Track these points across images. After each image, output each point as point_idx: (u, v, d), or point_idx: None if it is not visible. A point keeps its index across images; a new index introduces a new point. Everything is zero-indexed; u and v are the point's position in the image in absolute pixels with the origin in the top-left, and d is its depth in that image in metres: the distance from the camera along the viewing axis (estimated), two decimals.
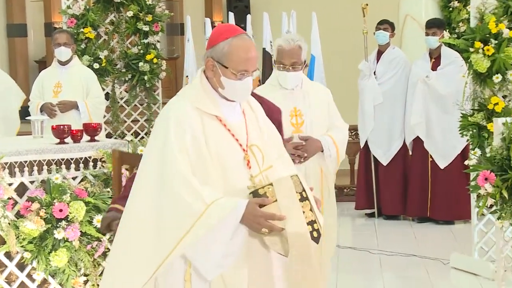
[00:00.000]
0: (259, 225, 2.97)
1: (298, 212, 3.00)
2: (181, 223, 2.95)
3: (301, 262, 3.01)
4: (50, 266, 4.80)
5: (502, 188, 3.85)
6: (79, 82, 7.19)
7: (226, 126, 3.13)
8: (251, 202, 2.98)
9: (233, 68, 3.08)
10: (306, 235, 2.99)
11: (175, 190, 2.97)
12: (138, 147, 5.21)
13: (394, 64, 8.70)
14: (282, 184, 3.03)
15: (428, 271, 6.74)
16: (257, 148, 3.17)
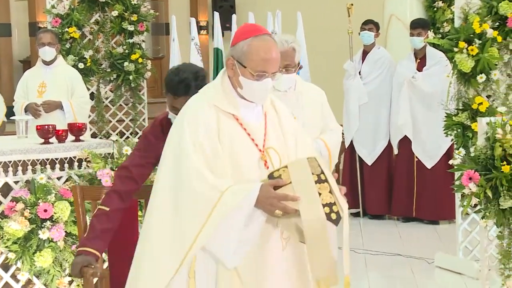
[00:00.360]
0: (272, 207, 2.92)
1: (313, 194, 2.93)
2: (198, 215, 2.94)
3: (315, 245, 2.96)
4: (34, 267, 4.78)
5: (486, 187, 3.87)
6: (63, 82, 7.16)
7: (243, 125, 3.11)
8: (265, 184, 2.95)
9: (251, 68, 3.06)
10: (321, 217, 2.91)
11: (191, 185, 2.96)
12: (123, 147, 5.20)
13: (379, 64, 8.73)
14: (297, 165, 2.99)
15: (413, 270, 6.76)
16: (274, 151, 3.14)
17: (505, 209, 3.90)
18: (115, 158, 5.21)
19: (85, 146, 5.40)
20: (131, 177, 3.77)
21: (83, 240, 3.74)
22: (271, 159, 3.12)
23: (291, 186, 2.94)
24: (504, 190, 3.87)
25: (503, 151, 3.90)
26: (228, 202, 2.92)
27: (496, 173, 3.87)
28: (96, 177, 5.06)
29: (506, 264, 3.99)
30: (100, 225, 3.67)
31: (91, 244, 3.65)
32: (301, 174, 2.96)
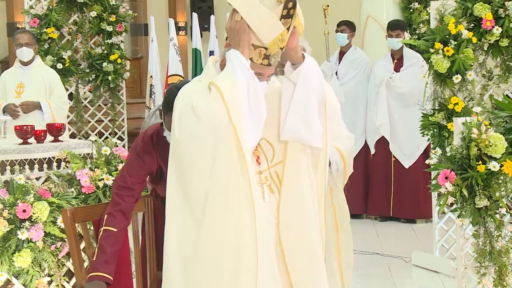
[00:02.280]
0: None
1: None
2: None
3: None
4: (13, 267, 4.75)
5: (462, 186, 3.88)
6: (42, 83, 7.11)
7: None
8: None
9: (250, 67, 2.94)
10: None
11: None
12: (102, 147, 5.18)
13: (355, 65, 8.76)
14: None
15: (390, 269, 6.78)
16: (266, 142, 3.07)
17: (480, 208, 3.92)
18: (94, 159, 5.19)
19: (64, 147, 5.37)
20: (132, 195, 3.76)
21: (94, 263, 3.71)
22: (263, 151, 3.07)
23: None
24: (479, 189, 3.89)
25: (478, 151, 3.92)
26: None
27: (472, 173, 3.89)
28: (75, 177, 5.03)
29: (481, 262, 4.01)
30: (110, 248, 3.66)
31: (103, 268, 3.63)
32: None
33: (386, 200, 8.54)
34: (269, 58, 2.90)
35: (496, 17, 6.03)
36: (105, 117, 8.77)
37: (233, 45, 2.92)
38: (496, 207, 3.92)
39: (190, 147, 2.92)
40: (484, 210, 3.92)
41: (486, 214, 3.93)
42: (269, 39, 2.86)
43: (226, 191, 2.87)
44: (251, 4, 2.86)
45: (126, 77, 8.70)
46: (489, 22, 5.98)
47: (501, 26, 6.00)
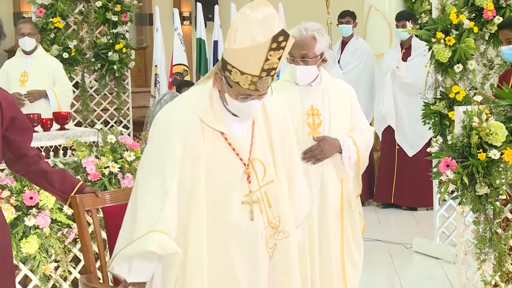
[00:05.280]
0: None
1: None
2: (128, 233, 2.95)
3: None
4: (21, 253, 4.77)
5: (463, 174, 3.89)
6: (45, 71, 7.11)
7: (228, 140, 2.97)
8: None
9: (235, 91, 2.89)
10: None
11: (140, 203, 2.92)
12: (108, 135, 5.19)
13: (358, 54, 8.75)
14: None
15: (392, 255, 6.79)
16: (259, 162, 3.03)
17: (481, 195, 3.93)
18: (100, 147, 5.20)
19: (70, 135, 5.38)
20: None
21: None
22: (256, 171, 3.02)
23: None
24: (480, 177, 3.89)
25: (479, 139, 3.92)
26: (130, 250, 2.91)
27: (473, 161, 3.89)
28: (81, 165, 5.04)
29: (481, 248, 4.02)
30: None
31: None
32: None
33: (388, 188, 8.55)
34: (256, 84, 2.84)
35: (497, 7, 6.02)
36: (110, 106, 8.77)
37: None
38: (496, 195, 3.93)
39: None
40: (485, 198, 3.93)
41: (486, 201, 3.93)
42: (254, 71, 2.80)
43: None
44: (235, 51, 2.82)
45: (131, 66, 8.70)
46: (490, 12, 5.97)
47: (502, 16, 5.99)
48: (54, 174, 3.59)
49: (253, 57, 2.77)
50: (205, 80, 3.04)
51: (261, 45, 2.74)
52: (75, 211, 3.49)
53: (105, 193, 3.68)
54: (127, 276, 2.96)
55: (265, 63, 2.77)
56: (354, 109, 4.15)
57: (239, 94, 2.87)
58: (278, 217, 3.07)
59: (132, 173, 5.12)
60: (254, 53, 2.76)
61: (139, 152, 5.20)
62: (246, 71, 2.79)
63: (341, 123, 4.05)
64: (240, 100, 2.89)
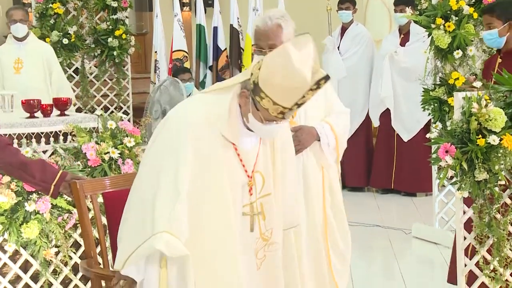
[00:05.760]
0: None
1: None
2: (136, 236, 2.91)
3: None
4: (21, 238, 4.77)
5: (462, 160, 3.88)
6: (39, 57, 7.07)
7: (237, 150, 2.97)
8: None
9: (263, 115, 2.86)
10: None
11: (149, 204, 2.87)
12: (108, 121, 5.18)
13: (357, 40, 8.75)
14: None
15: (391, 240, 6.81)
16: (259, 174, 3.03)
17: (480, 181, 3.92)
18: (100, 132, 5.19)
19: (70, 121, 5.38)
20: None
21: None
22: (256, 183, 3.03)
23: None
24: (479, 162, 3.89)
25: (478, 125, 3.92)
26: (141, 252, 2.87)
27: (472, 146, 3.88)
28: (82, 151, 5.04)
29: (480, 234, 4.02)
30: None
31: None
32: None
33: (388, 173, 8.56)
34: (285, 114, 2.84)
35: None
36: (110, 92, 8.76)
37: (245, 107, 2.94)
38: (495, 180, 3.93)
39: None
40: (484, 183, 3.93)
41: (485, 187, 3.93)
42: (288, 104, 2.81)
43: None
44: (276, 85, 2.79)
45: (131, 52, 8.68)
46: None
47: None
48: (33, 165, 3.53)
49: (291, 94, 2.78)
50: (225, 90, 2.99)
51: (302, 87, 2.76)
52: (75, 197, 3.48)
53: (105, 178, 3.67)
54: (136, 276, 2.95)
55: (300, 100, 2.79)
56: (329, 95, 4.08)
57: (265, 119, 2.87)
58: (271, 229, 3.09)
59: (132, 159, 5.12)
60: (293, 92, 2.77)
61: (139, 138, 5.20)
62: (279, 103, 2.79)
63: (316, 108, 3.97)
64: (265, 123, 2.88)
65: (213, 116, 2.91)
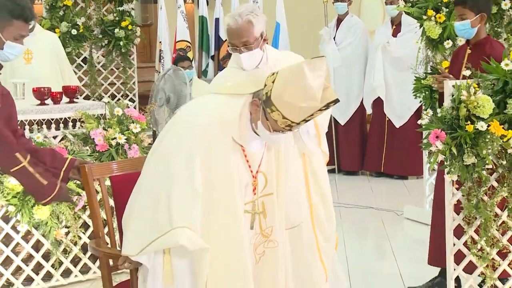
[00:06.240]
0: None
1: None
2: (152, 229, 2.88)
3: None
4: (33, 219, 4.78)
5: (451, 145, 3.88)
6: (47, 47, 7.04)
7: (245, 151, 2.98)
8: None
9: (271, 125, 2.87)
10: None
11: (173, 190, 2.83)
12: (115, 108, 5.18)
13: (352, 31, 8.73)
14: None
15: (383, 221, 6.82)
16: (262, 174, 3.05)
17: (468, 165, 3.93)
18: (107, 119, 5.20)
19: (79, 107, 5.38)
20: None
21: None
22: (258, 184, 3.04)
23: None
24: (467, 147, 3.89)
25: (467, 112, 3.92)
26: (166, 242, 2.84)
27: (461, 132, 3.89)
28: (90, 136, 5.04)
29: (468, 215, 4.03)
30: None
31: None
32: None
33: (379, 157, 8.59)
34: (292, 127, 2.87)
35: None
36: (117, 80, 8.75)
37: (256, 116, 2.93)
38: (483, 164, 3.93)
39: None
40: (472, 167, 3.93)
41: (474, 170, 3.94)
42: (296, 119, 2.83)
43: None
44: (290, 105, 2.80)
45: (137, 42, 8.66)
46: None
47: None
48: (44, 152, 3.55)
49: (301, 112, 2.80)
50: (236, 94, 2.99)
51: (313, 107, 2.78)
52: (84, 180, 3.48)
53: (112, 163, 3.67)
54: (147, 263, 2.94)
55: (309, 117, 2.82)
56: None
57: (273, 129, 2.88)
58: (271, 227, 3.10)
59: (138, 144, 5.12)
60: (303, 110, 2.79)
61: (144, 124, 5.20)
62: (288, 118, 2.81)
63: None
64: (272, 132, 2.90)
65: (225, 119, 2.92)
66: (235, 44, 3.70)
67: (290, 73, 2.80)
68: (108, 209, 3.50)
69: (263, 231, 3.07)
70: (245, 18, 3.64)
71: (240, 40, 3.67)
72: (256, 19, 3.66)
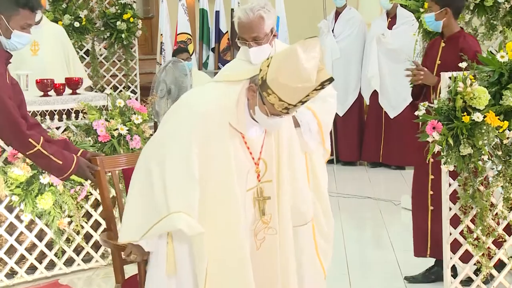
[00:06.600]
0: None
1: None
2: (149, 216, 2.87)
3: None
4: (36, 208, 4.79)
5: (448, 136, 3.88)
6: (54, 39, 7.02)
7: (244, 138, 2.96)
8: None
9: (269, 109, 2.84)
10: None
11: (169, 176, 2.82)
12: (117, 99, 5.18)
13: (350, 24, 8.73)
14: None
15: (381, 211, 6.82)
16: (263, 162, 3.03)
17: (464, 155, 3.93)
18: (109, 110, 5.19)
19: (81, 99, 5.37)
20: None
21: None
22: (259, 170, 3.03)
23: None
24: (464, 138, 3.89)
25: (463, 103, 3.92)
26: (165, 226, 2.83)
27: (457, 123, 3.88)
28: (92, 127, 5.04)
29: (464, 204, 4.03)
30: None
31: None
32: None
33: (377, 148, 8.59)
34: (289, 109, 2.84)
35: None
36: (119, 72, 8.74)
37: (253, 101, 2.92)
38: (479, 155, 3.93)
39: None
40: (468, 157, 3.93)
41: (470, 161, 3.94)
42: (293, 101, 2.80)
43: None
44: (285, 87, 2.78)
45: (138, 35, 8.65)
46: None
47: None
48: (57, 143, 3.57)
49: (296, 93, 2.78)
50: (233, 81, 2.97)
51: (308, 87, 2.75)
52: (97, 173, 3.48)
53: (122, 156, 3.67)
54: (145, 247, 2.94)
55: (304, 98, 2.79)
56: None
57: (270, 113, 2.86)
58: (270, 215, 3.08)
59: (140, 135, 5.12)
60: (298, 91, 2.77)
61: (145, 115, 5.20)
62: (285, 100, 2.79)
63: None
64: (270, 117, 2.88)
65: (223, 106, 2.90)
66: (244, 38, 3.64)
67: (284, 55, 2.79)
68: (120, 201, 3.49)
69: (263, 217, 3.07)
70: (256, 13, 3.58)
71: (250, 35, 3.61)
72: (267, 15, 3.60)
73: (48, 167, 3.52)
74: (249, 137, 2.98)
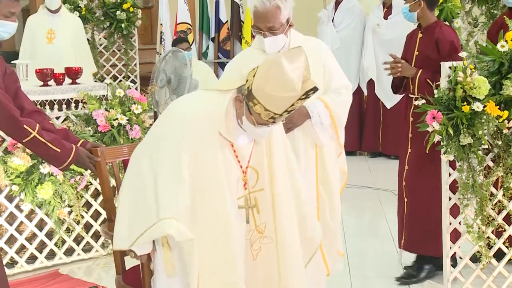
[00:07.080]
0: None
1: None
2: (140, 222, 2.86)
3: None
4: (36, 198, 4.78)
5: (448, 125, 3.87)
6: (70, 29, 7.05)
7: (233, 147, 2.95)
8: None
9: (255, 119, 2.84)
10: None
11: (163, 181, 2.81)
12: (116, 89, 5.16)
13: (350, 13, 8.71)
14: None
15: (380, 201, 6.83)
16: (252, 169, 3.01)
17: (464, 145, 3.92)
18: (109, 100, 5.18)
19: (81, 89, 5.36)
20: None
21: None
22: (248, 179, 3.01)
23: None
24: (464, 128, 3.87)
25: (463, 93, 3.90)
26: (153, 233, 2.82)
27: (457, 113, 3.87)
28: (92, 117, 5.02)
29: (464, 194, 4.02)
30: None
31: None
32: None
33: (376, 138, 8.58)
34: (275, 119, 2.83)
35: None
36: (118, 62, 8.72)
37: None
38: (479, 144, 3.92)
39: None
40: (468, 147, 3.92)
41: (470, 150, 3.93)
42: (278, 110, 2.79)
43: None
44: (269, 96, 2.76)
45: (138, 24, 8.63)
46: None
47: None
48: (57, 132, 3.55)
49: (281, 102, 2.77)
50: (224, 90, 2.95)
51: (292, 97, 2.75)
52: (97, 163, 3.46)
53: (123, 146, 3.66)
54: (138, 252, 2.94)
55: (290, 107, 2.79)
56: (329, 69, 3.79)
57: (257, 122, 2.86)
58: (264, 223, 3.07)
59: (140, 125, 5.11)
60: (283, 100, 2.76)
61: (145, 105, 5.18)
62: (270, 109, 2.79)
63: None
64: (257, 126, 2.87)
65: (212, 115, 2.90)
66: (260, 28, 3.58)
67: (269, 65, 2.78)
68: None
69: (257, 226, 3.05)
70: (273, 3, 3.52)
71: (266, 24, 3.56)
72: (284, 4, 3.54)
73: (47, 155, 3.49)
74: (237, 145, 2.97)
